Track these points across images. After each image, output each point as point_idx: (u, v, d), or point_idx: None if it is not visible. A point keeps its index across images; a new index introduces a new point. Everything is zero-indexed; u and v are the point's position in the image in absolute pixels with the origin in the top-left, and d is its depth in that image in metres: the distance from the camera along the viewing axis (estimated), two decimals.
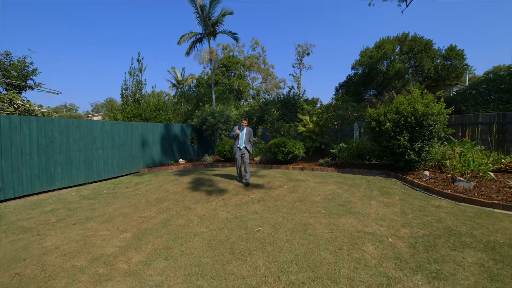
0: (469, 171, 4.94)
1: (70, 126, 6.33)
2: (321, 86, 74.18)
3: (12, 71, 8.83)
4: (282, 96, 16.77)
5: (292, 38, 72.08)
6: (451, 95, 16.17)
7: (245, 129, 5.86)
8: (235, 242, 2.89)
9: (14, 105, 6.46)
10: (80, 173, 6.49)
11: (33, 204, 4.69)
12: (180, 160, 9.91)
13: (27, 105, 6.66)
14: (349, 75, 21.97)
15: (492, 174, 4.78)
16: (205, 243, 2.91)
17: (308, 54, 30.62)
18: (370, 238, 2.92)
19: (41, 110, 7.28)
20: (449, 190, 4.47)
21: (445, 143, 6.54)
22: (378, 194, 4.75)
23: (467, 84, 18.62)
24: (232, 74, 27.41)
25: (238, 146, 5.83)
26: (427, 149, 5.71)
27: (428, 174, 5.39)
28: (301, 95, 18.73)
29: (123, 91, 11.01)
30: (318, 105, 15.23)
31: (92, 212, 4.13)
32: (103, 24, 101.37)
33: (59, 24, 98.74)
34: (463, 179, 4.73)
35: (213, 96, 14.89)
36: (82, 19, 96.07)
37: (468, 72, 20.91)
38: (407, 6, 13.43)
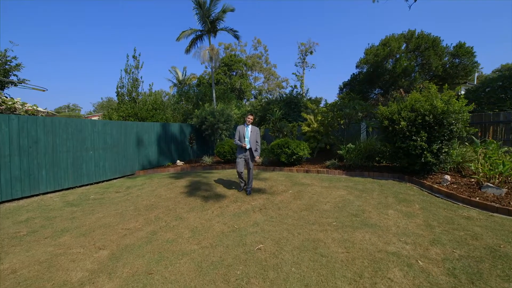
0: (497, 176, 4.38)
1: (57, 126, 5.86)
2: (323, 86, 73.52)
3: None
4: (284, 96, 16.21)
5: (294, 38, 71.73)
6: (461, 93, 15.50)
7: (250, 126, 4.88)
8: (230, 265, 2.38)
9: None
10: (67, 176, 6.02)
11: (9, 212, 4.22)
12: (178, 161, 9.43)
13: (10, 103, 6.20)
14: (353, 73, 21.33)
15: None
16: (194, 265, 2.40)
17: (311, 52, 29.95)
18: (395, 261, 2.39)
19: (25, 107, 6.78)
20: (477, 198, 3.91)
21: (466, 143, 5.96)
22: (394, 201, 4.21)
23: (475, 83, 17.91)
24: (234, 73, 26.87)
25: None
26: (446, 150, 5.14)
27: (449, 179, 4.83)
28: (304, 94, 18.16)
29: (119, 89, 10.53)
30: (322, 104, 14.63)
31: (71, 223, 3.65)
32: (104, 24, 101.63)
33: (59, 24, 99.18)
34: (491, 185, 4.16)
35: (214, 95, 14.38)
36: (82, 19, 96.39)
37: (476, 70, 20.17)
38: (415, 0, 12.83)
